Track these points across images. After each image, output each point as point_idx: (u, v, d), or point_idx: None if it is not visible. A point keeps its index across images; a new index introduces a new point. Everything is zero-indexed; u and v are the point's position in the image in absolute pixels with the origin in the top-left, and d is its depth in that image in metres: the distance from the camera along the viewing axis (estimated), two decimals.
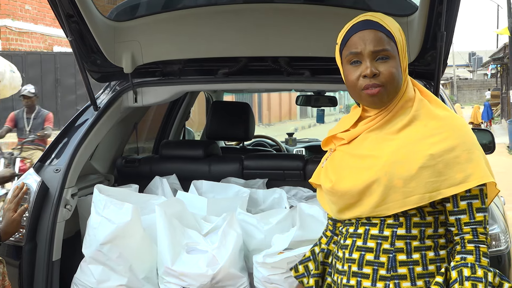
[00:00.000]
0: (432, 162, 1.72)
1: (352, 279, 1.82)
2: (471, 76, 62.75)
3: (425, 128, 1.78)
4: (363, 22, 1.82)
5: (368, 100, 1.81)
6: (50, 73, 17.83)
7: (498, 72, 32.61)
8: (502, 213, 2.82)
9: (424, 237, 1.78)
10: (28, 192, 2.71)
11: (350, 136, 1.88)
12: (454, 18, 2.61)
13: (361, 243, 1.82)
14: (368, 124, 1.85)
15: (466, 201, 1.75)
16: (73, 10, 2.84)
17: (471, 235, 1.74)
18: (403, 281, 1.76)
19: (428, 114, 1.81)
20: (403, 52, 1.84)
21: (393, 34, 1.81)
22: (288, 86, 3.64)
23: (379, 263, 1.78)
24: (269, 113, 28.42)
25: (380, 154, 1.79)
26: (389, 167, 1.75)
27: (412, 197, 1.74)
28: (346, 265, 1.84)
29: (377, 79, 1.77)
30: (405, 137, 1.78)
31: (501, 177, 9.80)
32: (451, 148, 1.73)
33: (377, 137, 1.83)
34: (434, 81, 2.79)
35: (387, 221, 1.79)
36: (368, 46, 1.78)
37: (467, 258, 1.73)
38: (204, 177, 3.43)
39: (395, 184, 1.74)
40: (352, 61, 1.81)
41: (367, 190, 1.78)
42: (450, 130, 1.77)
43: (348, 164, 1.85)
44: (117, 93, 3.22)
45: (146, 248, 2.72)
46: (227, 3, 3.11)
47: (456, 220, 1.76)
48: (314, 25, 2.97)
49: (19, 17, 18.97)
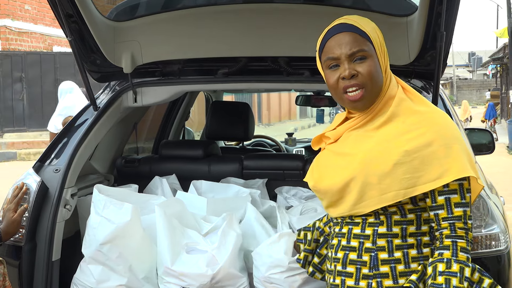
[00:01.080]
0: (407, 159, 1.73)
1: (337, 278, 1.84)
2: (471, 76, 62.76)
3: (403, 124, 1.78)
4: (337, 26, 1.84)
5: (350, 105, 1.83)
6: (50, 73, 17.84)
7: (498, 72, 32.60)
8: (502, 213, 2.82)
9: (406, 235, 1.78)
10: (28, 192, 2.71)
11: (335, 135, 1.91)
12: (454, 18, 2.61)
13: (345, 242, 1.84)
14: (351, 123, 1.88)
15: (444, 196, 1.74)
16: (72, 10, 2.84)
17: (449, 230, 1.74)
18: (385, 279, 1.77)
19: (407, 110, 1.81)
20: (381, 51, 1.84)
21: (368, 34, 1.82)
22: (287, 86, 3.64)
23: (361, 262, 1.80)
24: (268, 113, 28.41)
25: (357, 152, 1.81)
26: (364, 165, 1.77)
27: (388, 194, 1.74)
28: (333, 265, 1.87)
29: (356, 79, 1.79)
30: (383, 134, 1.80)
31: (501, 177, 9.81)
32: (427, 143, 1.73)
33: (357, 135, 1.85)
34: (433, 81, 2.79)
35: (369, 220, 1.80)
36: (344, 49, 1.80)
37: (444, 253, 1.72)
38: (204, 177, 3.42)
39: (371, 181, 1.75)
40: (330, 65, 1.84)
41: (346, 188, 1.80)
42: (428, 125, 1.77)
43: (330, 163, 1.88)
44: (116, 93, 3.22)
45: (145, 248, 2.72)
46: (226, 3, 3.11)
47: (435, 215, 1.76)
48: (313, 25, 2.96)
49: (18, 17, 18.96)
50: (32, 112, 17.75)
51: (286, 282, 2.61)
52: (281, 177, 3.53)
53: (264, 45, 3.06)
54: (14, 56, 17.69)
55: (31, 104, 17.74)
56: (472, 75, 61.95)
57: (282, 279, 2.61)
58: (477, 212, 2.49)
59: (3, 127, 17.72)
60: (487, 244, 2.50)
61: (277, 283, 2.63)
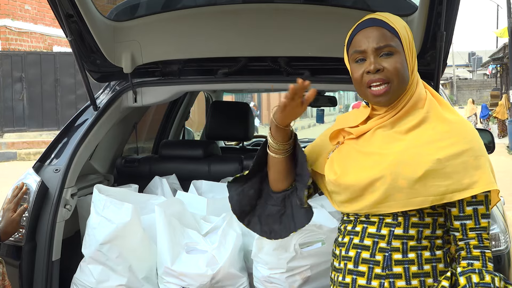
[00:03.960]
0: (439, 166, 1.73)
1: (348, 276, 1.83)
2: (471, 76, 62.75)
3: (434, 131, 1.78)
4: (366, 21, 1.84)
5: (373, 99, 1.82)
6: (49, 73, 17.84)
7: (498, 72, 32.62)
8: (502, 213, 2.82)
9: (421, 238, 1.78)
10: (28, 192, 2.71)
11: (358, 132, 1.88)
12: (454, 18, 2.62)
13: (358, 240, 1.82)
14: (378, 121, 1.85)
15: (472, 206, 1.75)
16: (72, 10, 2.84)
17: (477, 240, 1.75)
18: (398, 280, 1.76)
19: (437, 117, 1.81)
20: (409, 50, 1.84)
21: (398, 30, 1.82)
22: (287, 86, 3.63)
23: (374, 261, 1.79)
24: (269, 113, 28.38)
25: (387, 153, 1.79)
26: (395, 167, 1.76)
27: (416, 199, 1.74)
28: (342, 263, 1.85)
29: (382, 74, 1.78)
30: (413, 139, 1.79)
31: (501, 177, 9.79)
32: (459, 153, 1.74)
33: (385, 135, 1.83)
34: (434, 81, 2.79)
35: (386, 220, 1.79)
36: (371, 43, 1.80)
37: (474, 264, 1.74)
38: (204, 177, 3.42)
39: (400, 184, 1.74)
40: (357, 59, 1.83)
41: (370, 187, 1.78)
42: (459, 135, 1.77)
43: (354, 159, 1.85)
44: (116, 93, 3.22)
45: (145, 248, 2.72)
46: (226, 3, 3.11)
47: (461, 225, 1.76)
48: (313, 25, 2.97)
49: (18, 17, 18.97)
50: (32, 112, 17.76)
51: (286, 282, 2.61)
52: None
53: (264, 45, 3.06)
54: (14, 56, 17.69)
55: (31, 104, 17.74)
56: (472, 75, 61.95)
57: (282, 279, 2.61)
58: None
59: (3, 127, 17.72)
60: None
61: (277, 283, 2.63)
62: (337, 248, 1.89)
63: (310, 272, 2.60)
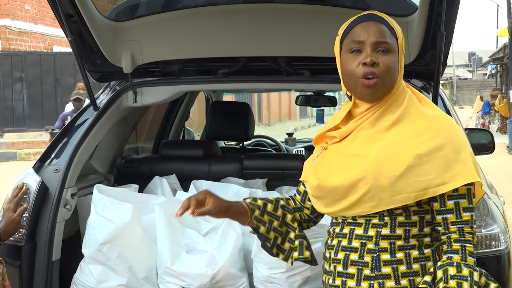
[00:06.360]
0: (419, 162, 1.73)
1: (338, 279, 1.84)
2: (471, 76, 62.75)
3: (414, 127, 1.79)
4: (367, 15, 1.85)
5: (363, 91, 1.82)
6: (49, 73, 17.85)
7: (498, 72, 32.61)
8: (502, 213, 2.82)
9: (409, 237, 1.79)
10: (28, 192, 2.71)
11: (341, 134, 1.89)
12: (454, 18, 2.62)
13: (346, 243, 1.83)
14: (358, 121, 1.86)
15: (453, 200, 1.76)
16: (72, 10, 2.84)
17: (458, 234, 1.75)
18: (387, 280, 1.77)
19: (417, 113, 1.82)
20: (402, 51, 1.86)
21: (396, 30, 1.84)
22: (287, 86, 3.64)
23: (363, 263, 1.79)
24: (268, 113, 28.41)
25: (367, 153, 1.80)
26: (376, 166, 1.76)
27: (399, 196, 1.74)
28: (332, 265, 1.86)
29: (376, 68, 1.79)
30: (394, 136, 1.79)
31: (501, 177, 9.80)
32: (438, 147, 1.74)
33: (366, 135, 1.84)
34: (433, 81, 2.79)
35: (372, 221, 1.80)
36: (371, 36, 1.81)
37: (453, 257, 1.74)
38: (204, 177, 3.42)
39: (381, 183, 1.75)
40: (353, 49, 1.83)
41: (353, 188, 1.79)
42: (438, 129, 1.78)
43: (336, 162, 1.86)
44: (116, 93, 3.22)
45: (145, 248, 2.73)
46: (226, 3, 3.11)
47: (443, 219, 1.77)
48: (313, 25, 2.97)
49: (18, 17, 18.97)
50: (32, 112, 17.77)
51: (286, 282, 2.61)
52: (281, 177, 3.54)
53: (264, 45, 3.06)
54: (14, 56, 17.70)
55: (31, 104, 17.75)
56: (472, 75, 61.93)
57: (282, 279, 2.62)
58: (477, 212, 2.49)
59: (3, 127, 17.73)
60: (487, 244, 2.50)
61: (277, 283, 2.63)
62: (327, 250, 1.91)
63: (310, 272, 2.60)
